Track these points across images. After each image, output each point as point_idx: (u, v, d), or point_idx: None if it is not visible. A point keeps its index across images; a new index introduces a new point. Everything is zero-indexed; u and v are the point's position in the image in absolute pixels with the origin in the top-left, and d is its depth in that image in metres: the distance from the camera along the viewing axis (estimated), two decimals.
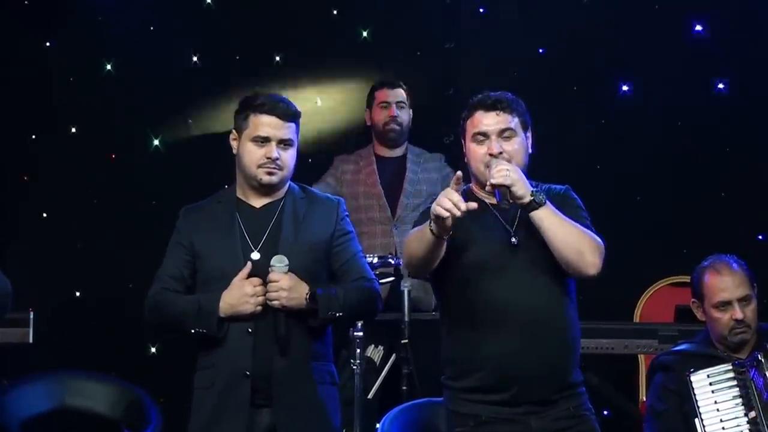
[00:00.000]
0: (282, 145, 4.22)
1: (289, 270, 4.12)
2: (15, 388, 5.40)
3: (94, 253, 6.72)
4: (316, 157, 6.68)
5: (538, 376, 3.89)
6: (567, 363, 3.96)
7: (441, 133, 6.74)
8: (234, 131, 4.31)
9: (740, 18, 6.68)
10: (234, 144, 4.31)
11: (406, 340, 5.63)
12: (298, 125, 4.29)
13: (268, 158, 4.20)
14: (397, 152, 6.52)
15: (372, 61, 6.99)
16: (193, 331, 4.15)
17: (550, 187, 4.09)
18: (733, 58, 6.68)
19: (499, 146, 3.94)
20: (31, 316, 5.95)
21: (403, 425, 4.68)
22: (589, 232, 3.94)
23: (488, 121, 3.96)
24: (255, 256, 4.19)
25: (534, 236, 3.90)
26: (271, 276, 4.10)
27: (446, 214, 3.60)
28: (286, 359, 4.11)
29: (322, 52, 7.01)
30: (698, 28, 6.78)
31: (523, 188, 3.79)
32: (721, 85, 6.76)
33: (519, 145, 3.98)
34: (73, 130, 7.03)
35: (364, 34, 7.05)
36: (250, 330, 4.12)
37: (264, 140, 4.21)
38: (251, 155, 4.22)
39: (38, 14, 6.92)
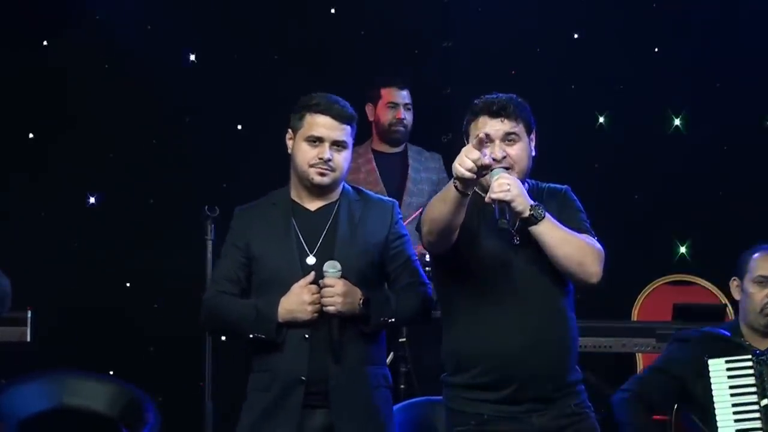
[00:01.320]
0: (335, 147, 4.19)
1: (344, 273, 4.10)
2: (13, 387, 5.40)
3: (92, 252, 6.72)
4: None
5: (539, 374, 3.89)
6: (567, 361, 3.96)
7: (438, 132, 6.75)
8: (290, 130, 4.28)
9: (738, 16, 6.69)
10: (289, 143, 4.28)
11: (404, 339, 5.64)
12: (354, 128, 4.26)
13: (320, 159, 4.17)
14: (398, 149, 6.52)
15: (370, 59, 6.98)
16: (251, 336, 4.13)
17: (550, 187, 4.09)
18: (730, 56, 6.69)
19: (502, 151, 3.94)
20: (29, 315, 5.94)
21: (401, 424, 4.67)
22: (589, 240, 3.94)
23: (492, 126, 3.96)
24: (311, 260, 4.16)
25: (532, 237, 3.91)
26: (327, 281, 4.08)
27: (469, 174, 3.59)
28: (341, 364, 4.09)
29: (320, 51, 7.01)
30: (695, 26, 6.78)
31: (523, 203, 3.79)
32: (718, 84, 6.76)
33: (522, 149, 3.98)
34: (72, 128, 7.03)
35: (362, 32, 7.05)
36: (306, 336, 4.10)
37: (317, 140, 4.18)
38: (304, 155, 4.20)
39: (36, 13, 6.91)
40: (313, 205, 4.26)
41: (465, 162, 3.59)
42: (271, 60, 7.05)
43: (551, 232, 3.84)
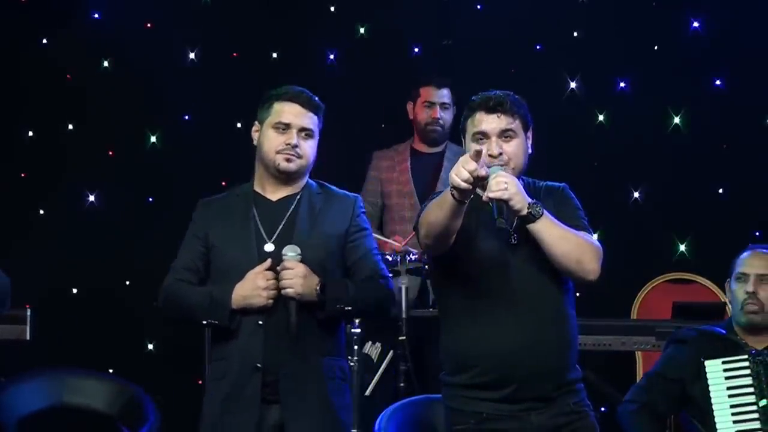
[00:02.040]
0: (303, 134, 4.21)
1: (303, 261, 4.10)
2: (12, 385, 5.39)
3: (91, 250, 6.72)
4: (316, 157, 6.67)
5: (538, 373, 3.88)
6: (567, 359, 3.95)
7: None
8: (256, 123, 4.30)
9: (737, 15, 6.68)
10: (255, 135, 4.30)
11: (404, 337, 5.64)
12: (320, 119, 4.28)
13: (287, 144, 4.19)
14: (437, 149, 6.50)
15: (369, 58, 6.98)
16: (205, 322, 4.16)
17: (547, 185, 4.08)
18: (731, 54, 6.68)
19: (498, 147, 3.93)
20: (29, 313, 5.95)
21: (401, 422, 4.67)
22: (587, 237, 3.93)
23: (489, 122, 3.96)
24: (269, 247, 4.17)
25: (530, 235, 3.91)
26: (286, 263, 4.08)
27: (465, 185, 3.58)
28: (297, 353, 4.09)
29: (320, 49, 7.01)
30: (695, 24, 6.78)
31: (521, 201, 3.78)
32: (718, 82, 6.76)
33: (518, 146, 3.97)
34: (71, 127, 7.04)
35: (362, 30, 7.05)
36: (260, 323, 4.11)
37: (285, 127, 4.20)
38: (271, 141, 4.21)
39: (35, 11, 6.91)
40: (275, 195, 4.27)
41: (462, 173, 3.59)
42: (270, 58, 7.05)
43: (549, 230, 3.83)
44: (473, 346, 3.92)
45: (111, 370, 6.23)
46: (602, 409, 6.13)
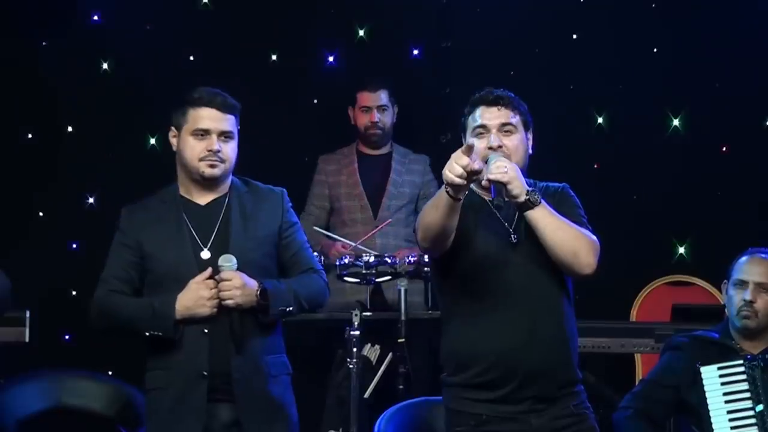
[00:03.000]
0: (222, 138, 4.20)
1: (241, 266, 4.10)
2: (11, 387, 5.39)
3: (90, 253, 6.71)
4: (312, 156, 6.69)
5: (538, 373, 3.88)
6: (566, 360, 3.95)
7: (437, 132, 6.75)
8: (173, 128, 4.28)
9: (736, 16, 6.68)
10: (174, 141, 4.29)
11: (403, 339, 5.63)
12: (237, 118, 4.27)
13: (209, 151, 4.17)
14: (382, 150, 6.51)
15: (368, 60, 6.98)
16: (147, 333, 4.13)
17: (548, 185, 4.08)
18: (729, 56, 6.68)
19: (498, 140, 3.93)
20: (28, 315, 5.94)
21: (400, 424, 4.67)
22: (584, 231, 3.93)
23: (489, 115, 3.96)
24: (205, 254, 4.17)
25: (533, 233, 3.90)
26: (223, 275, 4.08)
27: (459, 181, 3.58)
28: (243, 356, 4.11)
29: (319, 51, 7.01)
30: (694, 26, 6.78)
31: (519, 187, 3.78)
32: (717, 84, 6.75)
33: (519, 141, 3.97)
34: (70, 129, 7.04)
35: (361, 32, 7.05)
36: (205, 331, 4.11)
37: (204, 133, 4.19)
38: (192, 149, 4.20)
39: (34, 13, 6.91)
40: (203, 199, 4.26)
41: (454, 168, 3.58)
42: (269, 60, 7.04)
43: (546, 219, 3.83)
44: (473, 345, 3.93)
45: (110, 372, 6.22)
46: (602, 411, 6.13)
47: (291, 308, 4.17)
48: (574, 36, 6.88)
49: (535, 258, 3.89)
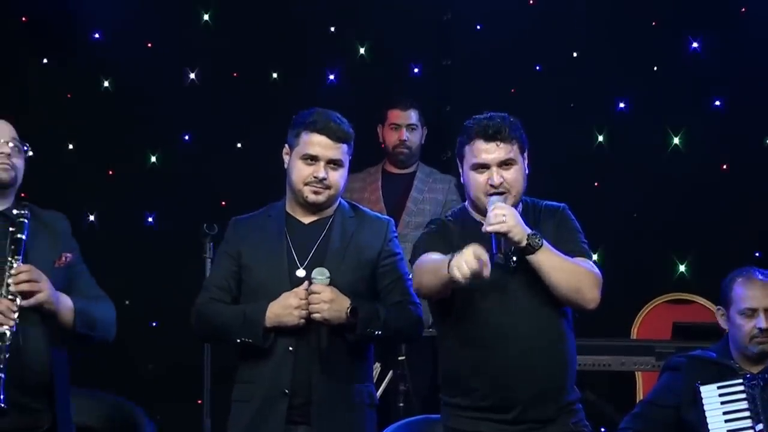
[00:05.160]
0: (331, 165, 4.19)
1: (334, 285, 4.08)
2: None
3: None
4: None
5: (536, 397, 3.88)
6: (565, 382, 3.96)
7: (438, 150, 6.75)
8: (286, 146, 4.29)
9: (736, 35, 6.69)
10: (285, 158, 4.29)
11: (403, 357, 5.63)
12: (350, 146, 4.26)
13: (315, 177, 4.17)
14: (408, 170, 6.51)
15: (369, 77, 6.99)
16: (238, 340, 4.13)
17: (547, 205, 4.09)
18: (730, 75, 6.69)
19: (500, 177, 3.94)
20: None
21: None
22: (586, 265, 3.94)
23: (489, 151, 3.95)
24: (300, 273, 4.16)
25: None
26: (314, 287, 4.06)
27: (463, 281, 3.62)
28: (327, 379, 4.08)
29: (320, 69, 7.02)
30: (695, 45, 6.80)
31: (520, 233, 3.80)
32: (717, 102, 6.76)
33: (518, 172, 3.98)
34: (71, 146, 7.04)
35: (362, 50, 7.06)
36: (291, 348, 4.09)
37: (313, 159, 4.18)
38: (299, 173, 4.20)
39: (36, 31, 6.93)
40: (307, 218, 4.26)
41: (463, 269, 3.62)
42: (270, 78, 7.05)
43: (548, 261, 3.84)
44: (472, 370, 3.93)
45: (110, 390, 6.21)
46: (602, 429, 6.13)
47: (379, 332, 4.11)
48: (575, 54, 6.89)
49: (533, 282, 3.90)
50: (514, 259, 3.92)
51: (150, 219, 6.94)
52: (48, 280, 4.07)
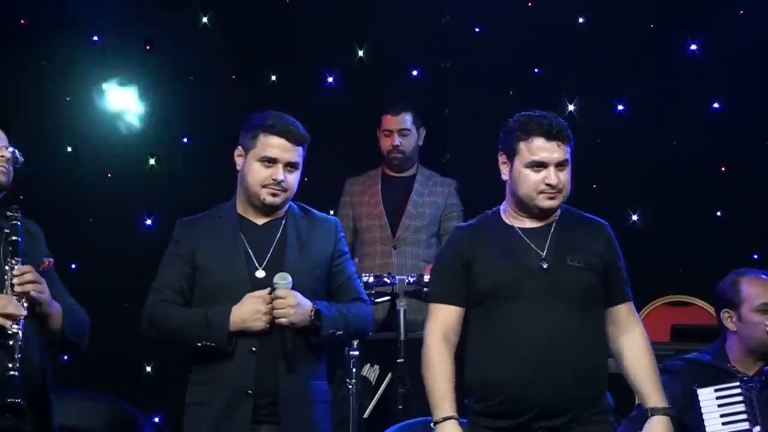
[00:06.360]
0: (288, 168, 4.21)
1: (295, 287, 4.10)
2: None
3: (88, 273, 6.71)
4: (312, 177, 6.69)
5: (551, 405, 3.85)
6: (585, 391, 3.90)
7: (437, 152, 6.75)
8: (240, 147, 4.29)
9: (735, 37, 6.69)
10: (239, 160, 4.29)
11: (402, 360, 5.63)
12: (305, 149, 4.28)
13: (273, 180, 4.19)
14: (407, 173, 6.51)
15: (368, 80, 6.99)
16: (199, 344, 4.12)
17: (589, 217, 4.13)
18: (728, 77, 6.69)
19: (556, 177, 3.94)
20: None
21: None
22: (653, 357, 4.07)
23: (550, 150, 3.95)
24: (260, 274, 4.17)
25: (563, 262, 3.91)
26: (278, 293, 4.08)
27: None
28: (292, 377, 4.10)
29: (318, 72, 7.02)
30: (693, 47, 6.80)
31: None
32: (716, 105, 6.77)
33: (569, 174, 4.01)
34: (69, 149, 7.04)
35: (360, 53, 7.06)
36: (253, 349, 4.10)
37: (271, 161, 4.20)
38: (256, 175, 4.21)
39: (34, 33, 6.92)
40: (260, 219, 4.28)
41: None
42: (269, 80, 7.06)
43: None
44: (489, 375, 3.91)
45: (108, 392, 6.21)
46: None
47: (341, 332, 4.18)
48: (573, 56, 6.88)
49: (559, 287, 3.89)
50: (545, 262, 3.91)
51: (149, 221, 6.94)
52: (45, 282, 4.06)
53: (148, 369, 6.86)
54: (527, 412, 3.85)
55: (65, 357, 6.72)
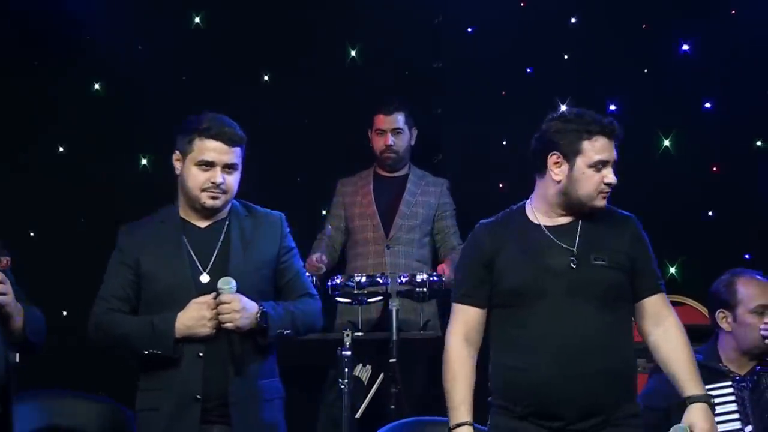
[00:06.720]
0: (227, 170, 4.21)
1: (240, 290, 4.12)
2: None
3: (81, 273, 6.69)
4: (304, 177, 6.70)
5: (575, 407, 3.82)
6: (611, 393, 3.88)
7: (430, 152, 6.75)
8: (177, 152, 4.28)
9: (727, 37, 6.70)
10: (177, 165, 4.29)
11: (394, 360, 5.63)
12: (243, 149, 4.28)
13: (212, 183, 4.19)
14: (399, 173, 6.51)
15: (360, 80, 6.99)
16: (146, 352, 4.14)
17: (609, 208, 4.12)
18: (721, 77, 6.70)
19: (614, 177, 4.00)
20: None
21: None
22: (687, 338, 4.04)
23: (610, 149, 4.04)
24: (204, 278, 4.19)
25: (587, 261, 3.89)
26: (223, 298, 4.09)
27: None
28: (240, 379, 4.12)
29: (310, 72, 7.01)
30: (685, 47, 6.80)
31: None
32: (708, 105, 6.77)
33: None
34: (61, 149, 7.03)
35: (353, 53, 7.07)
36: (200, 354, 4.12)
37: (209, 165, 4.20)
38: (195, 179, 4.21)
39: (26, 33, 6.91)
40: (202, 222, 4.29)
41: None
42: (261, 80, 7.05)
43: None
44: (513, 376, 3.89)
45: (102, 393, 6.20)
46: None
47: (289, 331, 4.19)
48: (565, 56, 6.89)
49: (585, 286, 3.87)
50: (575, 261, 3.89)
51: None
52: (8, 282, 4.04)
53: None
54: (557, 415, 3.83)
55: (24, 356, 6.75)
